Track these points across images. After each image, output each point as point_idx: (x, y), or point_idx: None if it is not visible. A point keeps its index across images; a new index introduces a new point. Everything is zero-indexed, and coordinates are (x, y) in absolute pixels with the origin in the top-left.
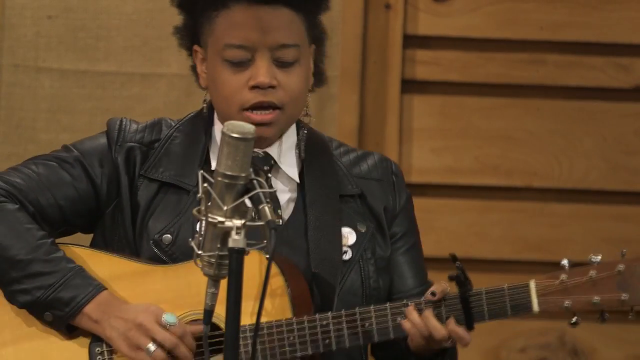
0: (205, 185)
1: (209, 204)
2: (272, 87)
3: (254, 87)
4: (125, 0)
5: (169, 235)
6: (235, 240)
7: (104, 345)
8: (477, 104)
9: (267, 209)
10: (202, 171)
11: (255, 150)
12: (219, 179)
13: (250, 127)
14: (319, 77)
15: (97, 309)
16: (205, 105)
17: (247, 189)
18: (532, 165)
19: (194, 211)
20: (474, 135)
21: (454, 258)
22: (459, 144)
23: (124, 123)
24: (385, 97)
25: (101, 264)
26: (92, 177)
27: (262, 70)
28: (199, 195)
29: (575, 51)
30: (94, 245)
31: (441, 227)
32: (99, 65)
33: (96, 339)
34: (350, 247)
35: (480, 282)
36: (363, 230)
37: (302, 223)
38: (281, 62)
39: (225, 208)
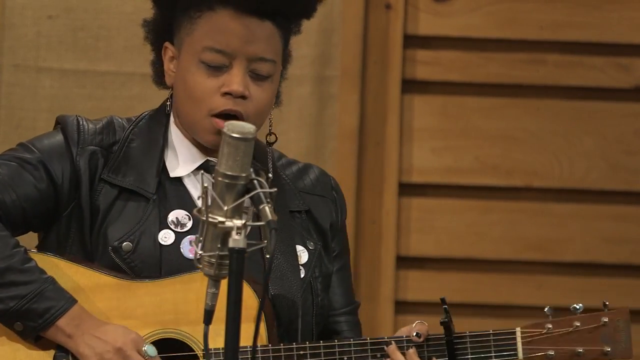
0: (206, 185)
1: (209, 204)
2: (244, 97)
3: (225, 94)
4: (125, 0)
5: (129, 243)
6: (236, 240)
7: (70, 358)
8: (477, 104)
9: (267, 209)
10: (202, 171)
11: (212, 159)
12: (219, 179)
13: (250, 127)
14: (277, 99)
15: (70, 322)
16: (169, 104)
17: (248, 189)
18: (532, 165)
19: (195, 211)
20: (474, 135)
21: (443, 301)
22: (459, 144)
23: (81, 123)
24: (385, 97)
25: (69, 275)
26: (54, 178)
27: (237, 79)
28: (199, 195)
29: (575, 51)
30: (45, 247)
31: (441, 227)
32: (99, 65)
33: (61, 350)
34: (303, 265)
35: (481, 282)
36: (312, 248)
37: (257, 239)
38: (256, 75)
39: (225, 208)
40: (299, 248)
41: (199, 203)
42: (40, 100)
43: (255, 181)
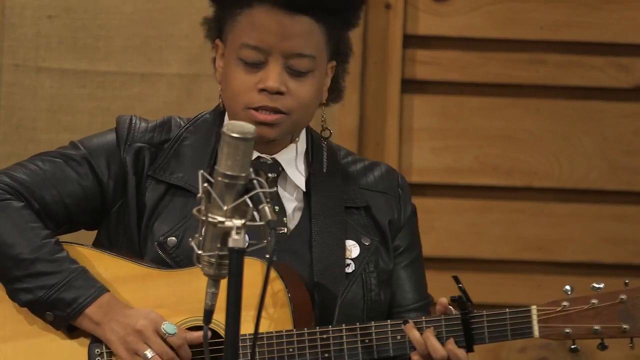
0: (205, 185)
1: (209, 203)
2: (281, 93)
3: (262, 90)
4: (125, 0)
5: (174, 238)
6: (236, 240)
7: (104, 347)
8: (477, 104)
9: (267, 209)
10: (202, 171)
11: (264, 156)
12: (219, 179)
13: (250, 127)
14: (336, 93)
15: (98, 311)
16: (221, 100)
17: (247, 189)
18: (532, 165)
19: (194, 211)
20: (474, 135)
21: (456, 280)
22: (459, 144)
23: (133, 121)
24: (385, 97)
25: (104, 265)
26: (99, 175)
27: (272, 75)
28: (199, 195)
29: (575, 51)
30: (97, 243)
31: (441, 227)
32: (99, 65)
33: (96, 340)
34: (353, 260)
35: (481, 282)
36: (367, 243)
37: (307, 233)
38: (293, 71)
39: (225, 208)
40: (350, 243)
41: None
42: (40, 100)
43: (255, 181)
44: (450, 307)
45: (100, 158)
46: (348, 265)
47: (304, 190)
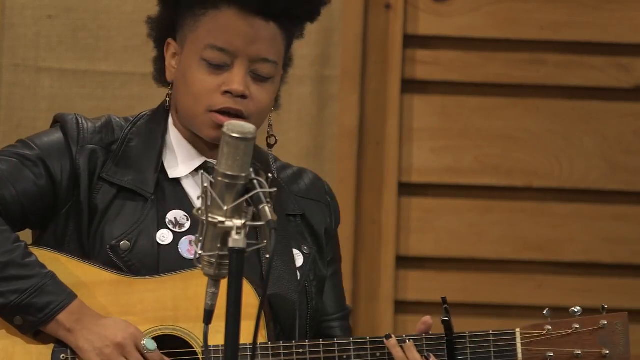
0: (206, 185)
1: (209, 203)
2: (244, 96)
3: (226, 93)
4: (125, 0)
5: (127, 242)
6: (236, 240)
7: (69, 352)
8: (477, 104)
9: (267, 209)
10: (202, 171)
11: (211, 161)
12: (219, 178)
13: (250, 127)
14: (277, 101)
15: (70, 317)
16: (168, 100)
17: (247, 189)
18: (532, 165)
19: (194, 211)
20: (474, 135)
21: (444, 301)
22: (459, 144)
23: (80, 122)
24: (385, 97)
25: (70, 270)
26: (53, 175)
27: (237, 78)
28: (199, 195)
29: (575, 51)
30: (43, 243)
31: (441, 227)
32: (99, 65)
33: (60, 345)
34: (298, 269)
35: (481, 282)
36: (307, 252)
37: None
38: (257, 75)
39: (225, 208)
40: (295, 252)
41: (198, 203)
42: (40, 100)
43: (255, 181)
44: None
45: (53, 158)
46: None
47: None
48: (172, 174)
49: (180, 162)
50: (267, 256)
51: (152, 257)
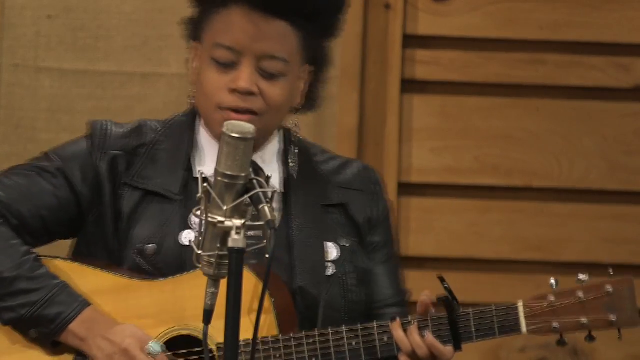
0: (205, 185)
1: (209, 203)
2: (252, 93)
3: (233, 91)
4: (125, 0)
5: (153, 245)
6: (235, 240)
7: None
8: (477, 104)
9: (267, 208)
10: (201, 171)
11: None
12: (219, 179)
13: (249, 127)
14: (311, 101)
15: (82, 326)
16: (191, 102)
17: (247, 189)
18: (532, 165)
19: (194, 211)
20: (474, 135)
21: (441, 279)
22: (459, 144)
23: (107, 128)
24: (385, 97)
25: (84, 278)
26: (74, 185)
27: (243, 76)
28: (198, 195)
29: (575, 51)
30: (76, 253)
31: (441, 227)
32: (99, 65)
33: (81, 354)
34: (332, 262)
35: (481, 282)
36: (346, 244)
37: (285, 235)
38: (265, 72)
39: (225, 208)
40: (329, 244)
41: None
42: (39, 100)
43: (255, 181)
44: (431, 305)
45: (74, 167)
46: (327, 268)
47: (282, 190)
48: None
49: (209, 161)
50: (267, 256)
51: (178, 258)
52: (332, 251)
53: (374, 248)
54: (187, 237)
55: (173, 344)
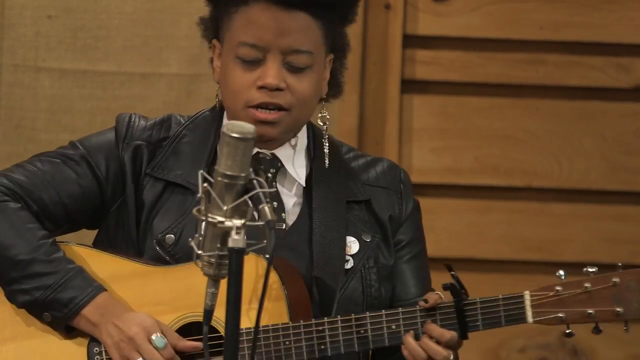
0: (205, 185)
1: (209, 203)
2: (280, 89)
3: (261, 87)
4: (125, 0)
5: (172, 235)
6: (235, 240)
7: (102, 346)
8: (477, 104)
9: (267, 208)
10: (201, 171)
11: (263, 151)
12: (219, 179)
13: (250, 127)
14: (335, 88)
15: (95, 311)
16: (218, 100)
17: (247, 189)
18: (532, 165)
19: (194, 211)
20: (474, 135)
21: (449, 268)
22: (459, 144)
23: (132, 120)
24: (385, 97)
25: (101, 264)
26: (98, 174)
27: (271, 72)
28: (198, 195)
29: (575, 51)
30: (97, 242)
31: (441, 227)
32: (99, 65)
33: (94, 339)
34: (352, 256)
35: (481, 282)
36: (367, 239)
37: (306, 228)
38: (292, 67)
39: (225, 208)
40: (350, 239)
41: None
42: (39, 100)
43: (255, 181)
44: (441, 294)
45: (99, 157)
46: (347, 261)
47: (304, 185)
48: None
49: None
50: (267, 256)
51: None
52: (353, 245)
53: (400, 246)
54: None
55: (187, 331)
